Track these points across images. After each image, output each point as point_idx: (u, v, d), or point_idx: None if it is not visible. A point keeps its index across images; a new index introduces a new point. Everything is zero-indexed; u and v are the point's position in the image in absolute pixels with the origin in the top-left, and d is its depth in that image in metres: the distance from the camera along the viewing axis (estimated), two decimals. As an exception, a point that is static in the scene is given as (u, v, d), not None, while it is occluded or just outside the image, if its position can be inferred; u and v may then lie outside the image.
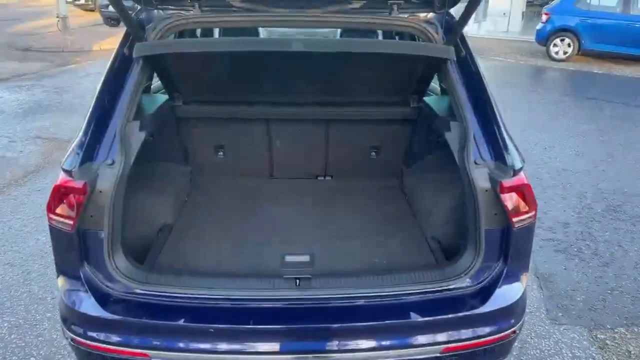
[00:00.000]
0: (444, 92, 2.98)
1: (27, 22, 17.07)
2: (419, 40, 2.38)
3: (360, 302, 1.93)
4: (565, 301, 3.31)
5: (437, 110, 2.61)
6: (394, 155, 3.22)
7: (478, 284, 1.99)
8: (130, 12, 2.17)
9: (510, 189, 1.96)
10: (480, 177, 1.99)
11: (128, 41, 2.23)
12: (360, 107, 2.92)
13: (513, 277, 2.05)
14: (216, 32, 3.65)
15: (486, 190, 1.98)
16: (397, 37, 3.54)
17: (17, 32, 14.80)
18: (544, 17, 12.20)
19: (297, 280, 1.97)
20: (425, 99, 2.91)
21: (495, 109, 2.19)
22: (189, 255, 2.42)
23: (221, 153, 3.21)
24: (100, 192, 1.95)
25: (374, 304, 1.93)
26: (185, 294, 1.94)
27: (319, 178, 3.32)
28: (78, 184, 1.89)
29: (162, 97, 2.84)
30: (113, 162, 1.99)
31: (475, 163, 2.01)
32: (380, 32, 3.74)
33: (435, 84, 3.10)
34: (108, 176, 1.96)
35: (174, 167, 3.07)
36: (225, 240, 2.57)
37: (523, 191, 1.99)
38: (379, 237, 2.62)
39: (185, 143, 3.13)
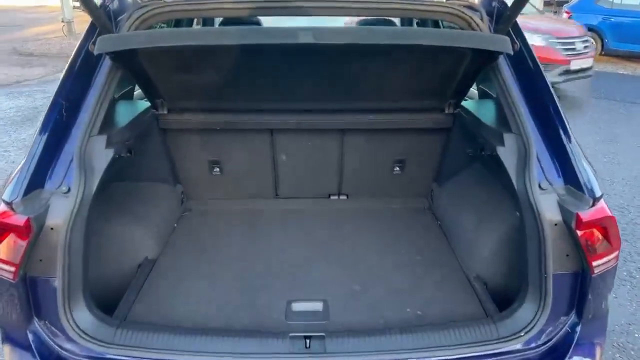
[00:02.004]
0: (483, 95, 2.52)
1: (32, 28, 16.88)
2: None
3: None
4: (622, 338, 2.82)
5: (481, 117, 2.16)
6: (423, 171, 2.79)
7: (542, 346, 1.59)
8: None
9: (590, 224, 1.52)
10: (548, 207, 1.61)
11: (94, 35, 1.79)
12: (383, 115, 2.50)
13: (588, 339, 1.63)
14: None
15: (555, 224, 1.59)
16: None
17: (21, 38, 14.58)
18: (565, 16, 11.68)
19: (307, 341, 1.58)
20: (464, 103, 2.46)
21: (563, 117, 1.74)
22: (172, 303, 1.98)
23: (217, 169, 2.78)
24: (52, 229, 1.54)
25: None
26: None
27: (332, 197, 2.90)
28: (19, 220, 1.48)
29: (144, 105, 2.41)
30: (69, 190, 1.58)
31: (541, 188, 1.63)
32: (397, 21, 3.27)
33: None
34: (62, 208, 1.56)
35: (160, 187, 2.64)
36: (218, 282, 2.13)
37: (605, 226, 1.54)
38: (410, 276, 2.16)
39: (174, 159, 2.70)
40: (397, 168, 2.78)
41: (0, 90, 8.66)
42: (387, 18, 2.79)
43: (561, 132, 1.72)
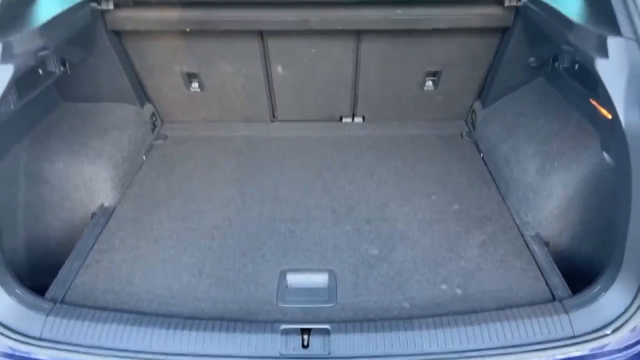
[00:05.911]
0: None
1: None
2: None
3: None
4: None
5: (563, 11, 1.62)
6: (463, 87, 2.31)
7: (631, 348, 1.23)
8: None
9: None
10: None
11: None
12: (415, 9, 1.98)
13: None
14: None
15: None
16: None
17: None
18: None
19: (305, 338, 1.24)
20: None
21: None
22: (130, 272, 1.55)
23: (195, 84, 2.26)
24: None
25: None
26: None
27: (345, 121, 2.44)
28: None
29: None
30: None
31: None
32: None
33: None
34: None
35: (121, 109, 2.14)
36: (194, 240, 1.67)
37: None
38: (445, 235, 1.68)
39: (138, 71, 2.19)
40: (430, 83, 2.30)
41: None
42: None
43: None
